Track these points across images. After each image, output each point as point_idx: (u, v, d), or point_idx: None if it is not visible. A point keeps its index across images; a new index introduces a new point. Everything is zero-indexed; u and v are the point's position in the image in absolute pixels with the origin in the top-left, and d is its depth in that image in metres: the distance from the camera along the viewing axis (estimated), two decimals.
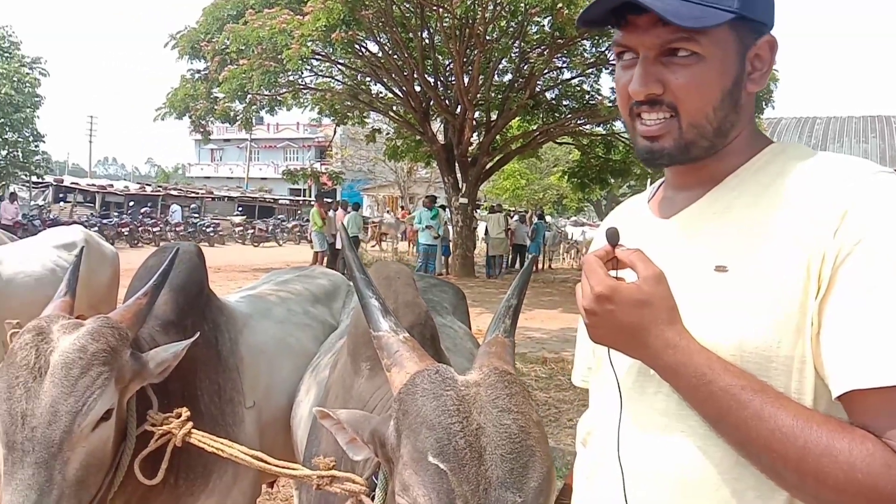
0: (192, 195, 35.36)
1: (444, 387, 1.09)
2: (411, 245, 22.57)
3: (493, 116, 17.02)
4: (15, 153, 27.53)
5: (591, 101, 16.72)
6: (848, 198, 0.91)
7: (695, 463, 0.97)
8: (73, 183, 32.02)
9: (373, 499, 1.40)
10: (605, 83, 17.66)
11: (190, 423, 1.80)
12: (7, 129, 26.65)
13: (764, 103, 14.33)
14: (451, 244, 17.75)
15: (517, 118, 17.93)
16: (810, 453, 0.83)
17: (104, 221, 24.12)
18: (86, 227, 6.05)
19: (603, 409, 1.14)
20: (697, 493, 0.97)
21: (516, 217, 20.88)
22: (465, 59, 14.81)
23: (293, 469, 1.63)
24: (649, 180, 22.04)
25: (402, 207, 34.43)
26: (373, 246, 25.46)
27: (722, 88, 1.02)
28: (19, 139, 27.50)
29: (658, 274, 0.94)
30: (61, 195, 29.78)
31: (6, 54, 27.11)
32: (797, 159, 1.02)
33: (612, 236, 0.99)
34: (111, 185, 33.44)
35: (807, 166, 1.00)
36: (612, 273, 0.97)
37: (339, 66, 16.08)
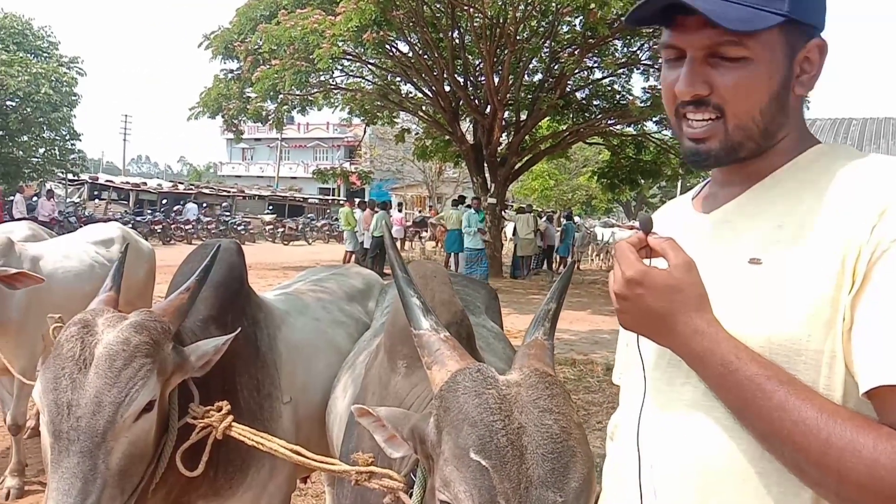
0: (224, 193, 35.78)
1: (485, 385, 1.10)
2: (439, 244, 22.54)
3: (523, 116, 16.96)
4: (52, 151, 28.12)
5: (621, 101, 16.60)
6: (888, 196, 0.91)
7: (720, 455, 0.97)
8: (107, 181, 32.59)
9: (411, 496, 1.41)
10: (637, 83, 17.62)
11: (230, 417, 1.83)
12: (45, 127, 27.24)
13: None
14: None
15: (547, 118, 17.85)
16: (833, 447, 0.82)
17: (138, 219, 24.51)
18: (121, 224, 6.15)
19: (630, 401, 1.15)
20: (722, 486, 0.97)
21: (545, 218, 20.78)
22: (495, 59, 14.79)
23: (333, 464, 1.65)
24: (680, 182, 21.82)
25: (430, 207, 34.47)
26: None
27: (769, 91, 1.01)
28: (56, 138, 28.10)
29: (688, 261, 0.96)
30: (96, 192, 30.31)
31: (45, 54, 27.74)
32: (842, 160, 1.02)
33: (646, 223, 1.01)
34: (144, 183, 33.91)
35: (851, 165, 0.99)
36: (645, 261, 0.98)
37: (370, 66, 16.15)
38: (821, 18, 1.04)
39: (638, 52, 15.57)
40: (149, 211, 27.97)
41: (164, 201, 29.77)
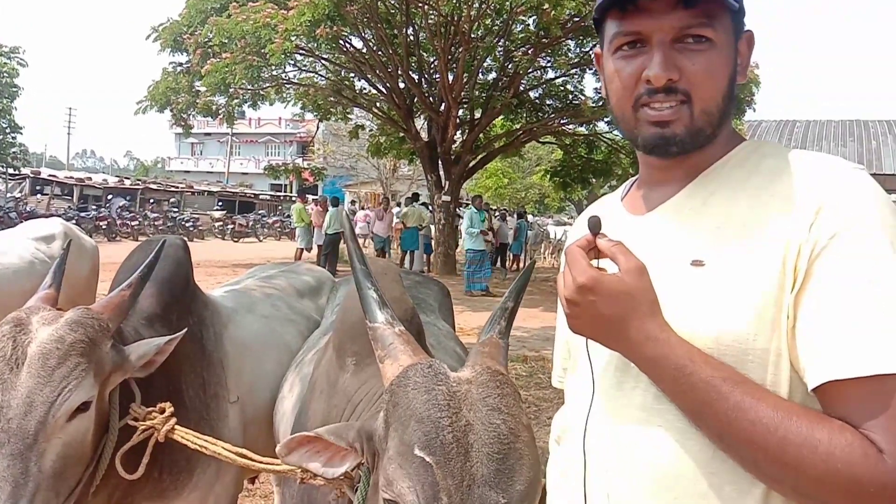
0: (172, 189, 35.02)
1: (436, 381, 1.09)
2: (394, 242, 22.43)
3: (477, 115, 17.01)
4: None
5: (574, 101, 16.80)
6: (823, 193, 0.93)
7: (672, 457, 0.97)
8: (50, 175, 31.56)
9: (356, 491, 1.40)
10: (589, 83, 17.78)
11: (173, 419, 1.78)
12: None
13: (745, 105, 14.46)
14: (432, 242, 17.71)
15: (501, 117, 17.96)
16: (790, 444, 0.84)
17: (82, 214, 23.81)
18: (64, 220, 5.96)
19: (577, 405, 1.14)
20: (674, 487, 0.97)
21: (498, 216, 20.89)
22: (449, 57, 14.81)
23: (278, 465, 1.62)
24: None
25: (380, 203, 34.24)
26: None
27: (728, 76, 1.03)
28: None
29: (640, 266, 0.95)
30: (38, 187, 29.38)
31: None
32: (772, 156, 1.03)
33: (595, 225, 0.99)
34: (89, 178, 32.96)
35: (781, 163, 1.01)
36: (594, 262, 0.98)
37: (323, 62, 16.01)
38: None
39: (590, 52, 15.76)
40: (93, 207, 27.20)
41: (110, 197, 28.99)
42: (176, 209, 31.17)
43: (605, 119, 16.13)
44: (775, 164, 1.02)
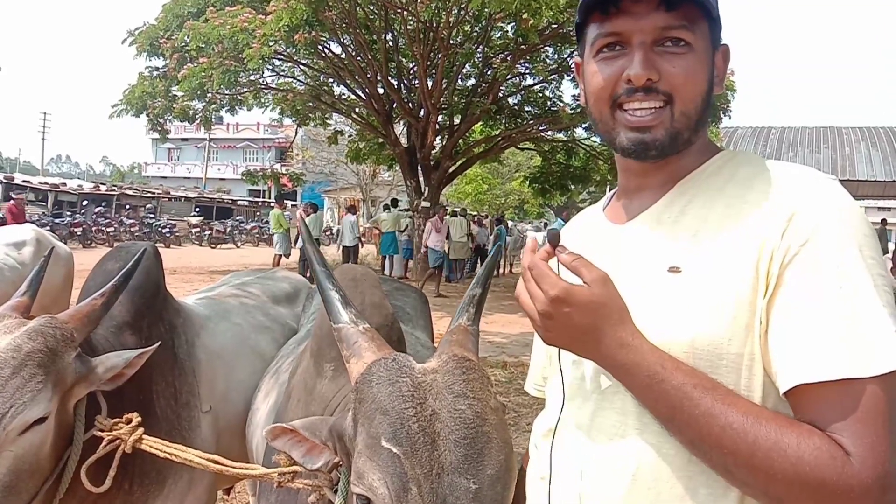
0: (149, 195, 34.67)
1: (399, 374, 1.09)
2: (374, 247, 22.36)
3: (457, 121, 17.03)
4: None
5: (552, 108, 16.86)
6: (795, 201, 0.95)
7: (647, 461, 0.99)
8: (24, 181, 31.01)
9: (335, 493, 1.38)
10: (567, 90, 17.90)
11: (141, 429, 1.74)
12: None
13: (721, 112, 14.63)
14: (413, 247, 17.70)
15: (480, 123, 17.98)
16: (760, 448, 0.85)
17: (56, 221, 23.48)
18: (38, 226, 5.88)
19: (550, 411, 1.16)
20: (651, 490, 0.98)
21: (476, 221, 20.94)
22: (428, 63, 14.81)
23: (253, 469, 1.59)
24: (609, 187, 22.36)
25: (348, 209, 34.00)
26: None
27: (707, 80, 1.05)
28: None
29: (604, 276, 0.96)
30: (12, 193, 28.89)
31: None
32: (747, 165, 1.06)
33: (554, 237, 1.01)
34: (64, 184, 32.45)
35: (756, 172, 1.03)
36: None
37: (302, 67, 15.94)
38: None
39: (568, 59, 15.86)
40: (68, 213, 26.83)
41: (85, 203, 28.62)
42: (152, 215, 30.88)
43: (584, 125, 16.23)
44: (750, 172, 1.04)
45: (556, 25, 12.60)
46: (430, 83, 15.18)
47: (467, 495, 1.00)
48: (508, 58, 14.92)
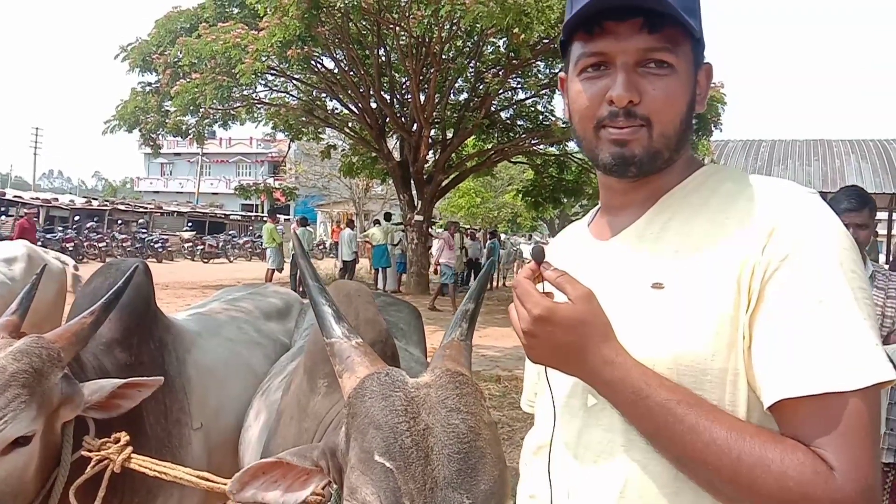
0: (141, 210, 34.60)
1: (392, 388, 1.08)
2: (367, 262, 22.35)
3: (449, 135, 17.11)
4: None
5: (544, 122, 16.98)
6: (775, 216, 0.95)
7: (635, 477, 0.98)
8: (15, 196, 30.91)
9: None
10: (559, 104, 17.96)
11: (129, 448, 1.71)
12: None
13: (712, 126, 14.73)
14: (406, 261, 17.71)
15: (472, 137, 18.08)
16: (744, 464, 0.85)
17: (48, 236, 23.37)
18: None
19: (542, 430, 1.15)
20: None
21: (469, 235, 20.96)
22: (421, 78, 14.89)
23: None
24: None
25: (338, 224, 33.93)
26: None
27: (687, 102, 1.05)
28: None
29: (588, 292, 0.96)
30: (3, 209, 28.76)
31: None
32: (728, 180, 1.06)
33: (538, 254, 1.01)
34: (56, 199, 32.38)
35: (737, 187, 1.04)
36: (539, 287, 0.99)
37: (294, 82, 16.00)
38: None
39: (560, 73, 15.95)
40: (60, 228, 26.72)
41: (77, 218, 28.51)
42: (144, 230, 30.77)
43: (577, 136, 16.29)
44: (732, 188, 1.04)
45: (547, 40, 12.71)
46: (422, 98, 15.26)
47: None
48: (500, 72, 15.02)
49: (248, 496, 1.20)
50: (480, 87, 16.22)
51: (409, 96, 15.89)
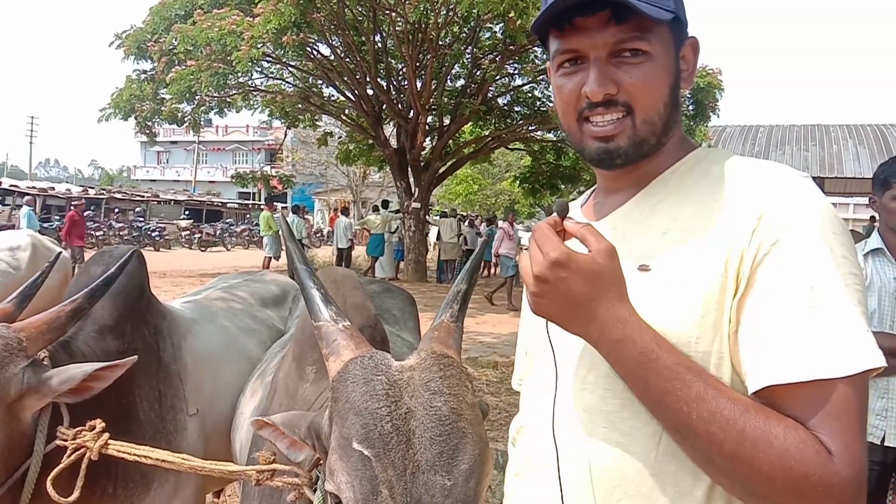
0: (138, 198, 34.51)
1: (375, 372, 1.08)
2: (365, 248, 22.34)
3: (446, 121, 17.05)
4: None
5: (542, 108, 16.91)
6: (765, 200, 0.94)
7: (615, 458, 0.98)
8: (12, 185, 30.77)
9: (314, 491, 1.37)
10: None
11: (106, 435, 1.67)
12: None
13: (710, 111, 14.69)
14: (404, 249, 17.70)
15: (470, 123, 18.01)
16: (748, 437, 0.84)
17: (45, 225, 23.30)
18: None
19: (534, 400, 1.14)
20: (617, 488, 0.98)
21: (467, 222, 20.95)
22: (417, 64, 14.82)
23: (227, 466, 1.57)
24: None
25: (335, 210, 33.85)
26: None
27: (669, 85, 1.05)
28: None
29: (610, 247, 0.93)
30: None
31: None
32: (719, 163, 1.06)
33: (562, 208, 0.98)
34: (52, 188, 32.20)
35: (728, 170, 1.03)
36: None
37: (290, 69, 15.91)
38: (686, 21, 1.10)
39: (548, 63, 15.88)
40: (57, 217, 26.63)
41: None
42: (142, 218, 30.75)
43: (562, 128, 16.25)
44: (722, 171, 1.04)
45: None
46: (419, 84, 15.20)
47: (442, 492, 0.99)
48: (497, 58, 14.95)
49: (266, 434, 1.28)
50: (477, 73, 16.16)
51: (406, 83, 15.82)
